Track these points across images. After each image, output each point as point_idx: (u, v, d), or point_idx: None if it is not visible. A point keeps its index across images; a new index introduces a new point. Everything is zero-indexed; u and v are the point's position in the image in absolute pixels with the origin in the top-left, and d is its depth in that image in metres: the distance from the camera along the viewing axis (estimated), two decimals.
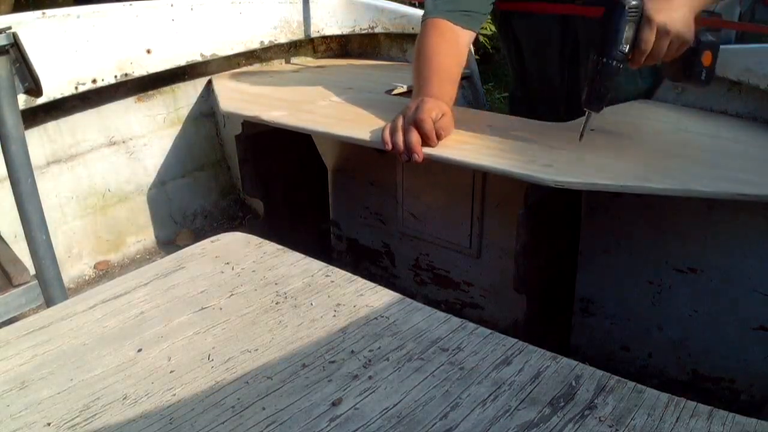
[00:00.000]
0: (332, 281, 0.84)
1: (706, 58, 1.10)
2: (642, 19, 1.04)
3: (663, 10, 1.03)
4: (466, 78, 1.90)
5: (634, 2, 1.03)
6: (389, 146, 1.15)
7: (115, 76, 1.63)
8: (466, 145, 1.19)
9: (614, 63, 1.05)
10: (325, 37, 2.09)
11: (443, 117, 1.17)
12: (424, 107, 1.14)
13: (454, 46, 1.29)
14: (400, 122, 1.16)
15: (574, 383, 0.64)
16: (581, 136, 1.13)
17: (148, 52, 1.68)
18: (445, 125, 1.16)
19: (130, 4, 1.65)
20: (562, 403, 0.61)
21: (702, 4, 1.10)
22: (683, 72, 1.12)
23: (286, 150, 1.62)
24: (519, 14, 1.48)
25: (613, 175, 1.04)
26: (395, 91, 1.68)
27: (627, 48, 1.05)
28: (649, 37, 1.04)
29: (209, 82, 1.89)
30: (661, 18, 1.03)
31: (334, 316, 0.76)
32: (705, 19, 1.15)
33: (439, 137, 1.15)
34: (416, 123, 1.13)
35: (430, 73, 1.25)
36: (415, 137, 1.12)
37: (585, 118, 1.13)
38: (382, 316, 0.76)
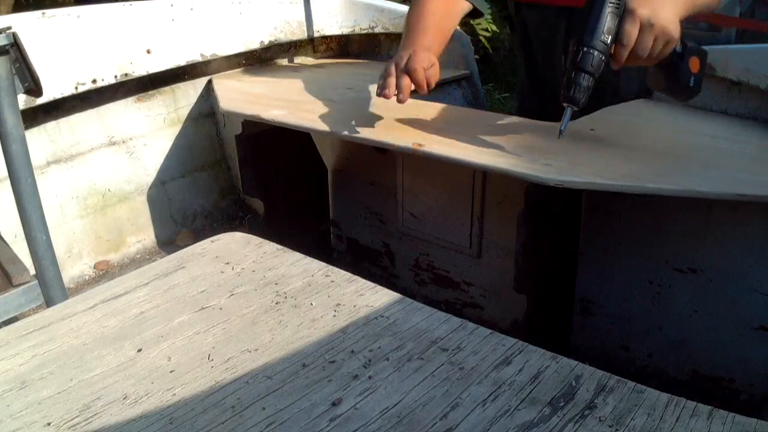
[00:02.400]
0: (332, 281, 0.84)
1: (694, 63, 1.04)
2: (625, 11, 0.98)
3: (648, 4, 0.98)
4: (466, 78, 1.90)
5: None
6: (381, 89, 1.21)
7: (115, 76, 1.63)
8: (467, 145, 1.19)
9: (595, 53, 0.98)
10: (325, 37, 2.09)
11: (432, 67, 1.22)
12: (416, 57, 1.20)
13: (449, 7, 1.37)
14: (393, 69, 1.21)
15: (574, 383, 0.64)
16: (560, 133, 1.06)
17: (148, 52, 1.68)
18: (434, 74, 1.22)
19: (130, 4, 1.65)
20: (562, 403, 0.61)
21: (689, 9, 1.04)
22: (670, 78, 1.05)
23: (286, 150, 1.62)
24: (527, 5, 1.50)
25: (613, 175, 1.04)
26: None
27: (609, 39, 0.98)
28: (632, 30, 0.98)
29: (209, 82, 1.89)
30: (646, 11, 0.97)
31: (334, 316, 0.76)
32: (707, 15, 1.15)
33: (429, 85, 1.21)
34: (409, 72, 1.18)
35: (424, 27, 1.31)
36: (406, 82, 1.18)
37: (565, 114, 1.05)
38: (382, 316, 0.76)
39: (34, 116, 1.58)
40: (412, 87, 1.19)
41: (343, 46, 2.18)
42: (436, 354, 0.69)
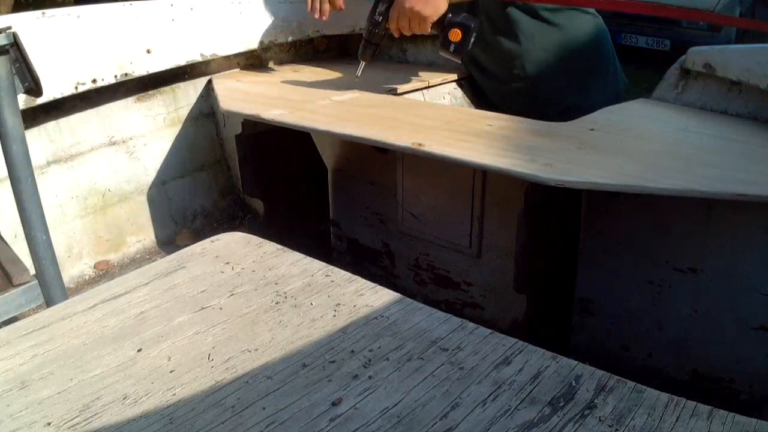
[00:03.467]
0: (332, 281, 0.84)
1: (454, 34, 1.34)
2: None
3: None
4: (465, 78, 1.90)
5: None
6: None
7: (115, 76, 1.63)
8: (467, 144, 1.19)
9: (371, 27, 1.43)
10: (325, 37, 2.09)
11: None
12: None
13: None
14: None
15: (574, 383, 0.64)
16: (357, 77, 1.51)
17: (148, 52, 1.68)
18: None
19: (130, 4, 1.64)
20: (562, 403, 0.61)
21: None
22: (440, 44, 1.38)
23: (286, 150, 1.62)
24: None
25: (613, 175, 1.04)
26: (399, 90, 1.68)
27: (381, 18, 1.40)
28: (393, 14, 1.36)
29: (209, 82, 1.89)
30: (404, 2, 1.33)
31: (334, 315, 0.76)
32: (707, 14, 1.16)
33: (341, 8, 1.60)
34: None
35: None
36: (326, 6, 1.59)
37: (360, 66, 1.51)
38: (382, 316, 0.76)
39: (34, 116, 1.57)
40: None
41: (343, 46, 2.18)
42: (436, 354, 0.69)
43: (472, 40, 1.36)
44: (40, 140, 1.61)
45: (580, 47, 1.62)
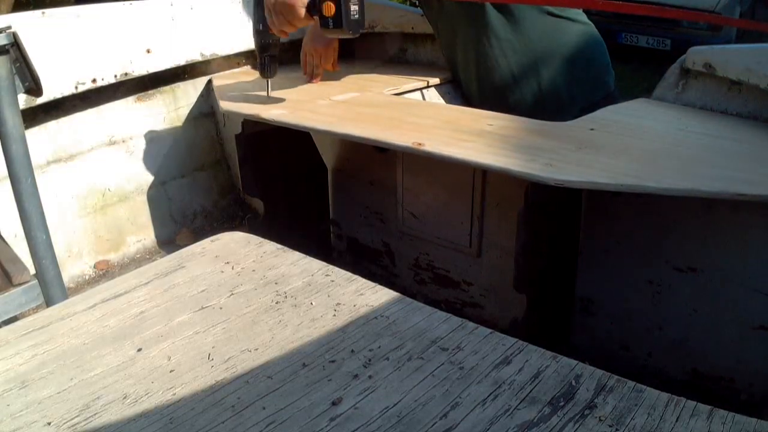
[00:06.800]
0: (332, 281, 0.84)
1: (327, 9, 1.26)
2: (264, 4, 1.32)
3: None
4: None
5: None
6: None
7: (115, 76, 1.63)
8: (467, 144, 1.19)
9: (260, 40, 1.39)
10: None
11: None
12: (326, 55, 1.64)
13: None
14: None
15: (574, 383, 0.64)
16: (268, 96, 1.50)
17: (148, 51, 1.68)
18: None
19: (130, 4, 1.65)
20: (562, 403, 0.62)
21: None
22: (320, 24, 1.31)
23: (286, 149, 1.62)
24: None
25: (613, 175, 1.04)
26: (395, 91, 1.68)
27: (262, 27, 1.35)
28: (267, 15, 1.32)
29: (209, 82, 1.89)
30: (269, 2, 1.29)
31: (334, 315, 0.76)
32: (706, 15, 1.16)
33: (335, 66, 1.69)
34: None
35: None
36: (320, 71, 1.68)
37: (267, 84, 1.49)
38: (382, 316, 0.76)
39: (35, 116, 1.57)
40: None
41: (343, 46, 2.18)
42: (436, 353, 0.69)
43: (354, 7, 1.27)
44: (41, 140, 1.61)
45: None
